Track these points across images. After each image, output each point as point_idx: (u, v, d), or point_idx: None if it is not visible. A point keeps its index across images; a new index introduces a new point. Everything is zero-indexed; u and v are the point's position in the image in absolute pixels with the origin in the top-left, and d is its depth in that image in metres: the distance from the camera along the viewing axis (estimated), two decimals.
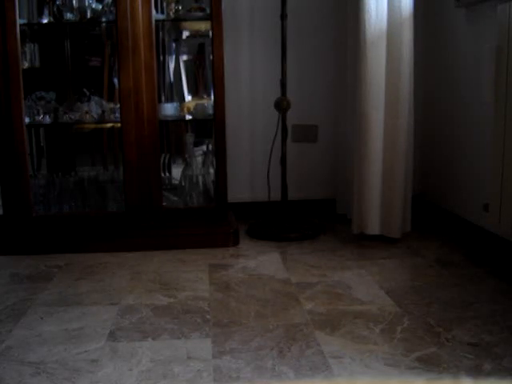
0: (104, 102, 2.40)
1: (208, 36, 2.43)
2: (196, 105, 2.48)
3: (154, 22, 2.18)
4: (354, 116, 2.35)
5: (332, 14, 2.65)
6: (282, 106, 2.43)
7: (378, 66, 2.19)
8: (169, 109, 2.40)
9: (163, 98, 2.66)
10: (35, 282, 1.95)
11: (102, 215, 2.32)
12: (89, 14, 2.35)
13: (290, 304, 1.70)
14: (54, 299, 1.79)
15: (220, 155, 2.28)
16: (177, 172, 2.62)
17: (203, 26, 2.60)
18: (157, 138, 2.24)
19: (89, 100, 2.42)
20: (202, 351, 1.41)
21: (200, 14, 2.40)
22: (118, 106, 2.27)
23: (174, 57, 2.72)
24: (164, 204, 2.34)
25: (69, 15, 2.35)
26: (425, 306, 1.66)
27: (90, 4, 2.34)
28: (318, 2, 2.67)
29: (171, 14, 2.36)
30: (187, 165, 2.49)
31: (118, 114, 2.29)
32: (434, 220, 2.54)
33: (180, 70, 2.73)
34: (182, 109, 2.44)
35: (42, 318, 1.64)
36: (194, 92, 2.76)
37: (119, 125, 2.25)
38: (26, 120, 2.28)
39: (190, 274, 1.99)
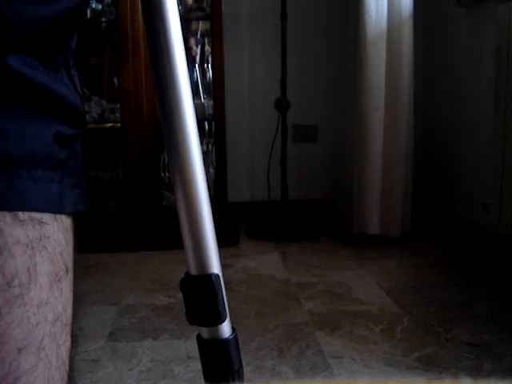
0: (104, 102, 2.40)
1: (208, 36, 2.43)
2: (196, 105, 2.48)
3: None
4: (353, 116, 2.35)
5: (332, 13, 2.65)
6: (282, 105, 2.43)
7: (378, 65, 2.19)
8: None
9: None
10: None
11: (101, 215, 2.32)
12: (89, 14, 2.35)
13: (290, 304, 1.70)
14: None
15: (220, 155, 2.28)
16: None
17: (203, 25, 2.60)
18: (157, 138, 2.24)
19: (89, 100, 2.42)
20: None
21: (200, 13, 2.40)
22: (118, 106, 2.27)
23: None
24: (164, 204, 2.34)
25: None
26: (425, 306, 1.66)
27: (90, 4, 2.34)
28: (318, 2, 2.67)
29: None
30: None
31: (118, 114, 2.29)
32: (434, 220, 2.54)
33: None
34: None
35: None
36: (193, 92, 2.76)
37: (119, 125, 2.25)
38: None
39: None
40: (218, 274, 0.56)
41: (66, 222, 0.45)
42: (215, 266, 0.55)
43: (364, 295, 1.76)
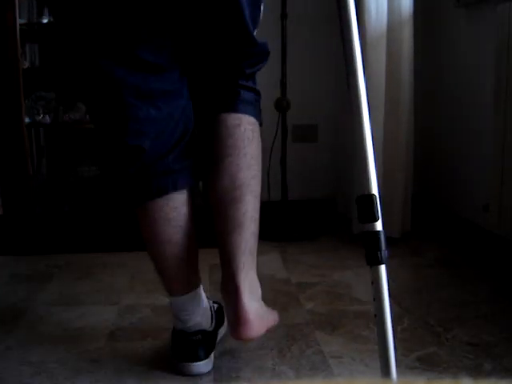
0: None
1: None
2: None
3: None
4: (354, 116, 2.35)
5: (332, 14, 2.65)
6: (282, 105, 2.43)
7: (378, 65, 2.19)
8: None
9: None
10: (35, 282, 1.95)
11: (102, 215, 2.32)
12: None
13: (290, 304, 1.70)
14: (54, 299, 1.79)
15: None
16: None
17: None
18: None
19: None
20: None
21: None
22: None
23: None
24: None
25: None
26: (425, 306, 1.66)
27: None
28: (318, 2, 2.67)
29: None
30: None
31: None
32: (434, 220, 2.54)
33: None
34: None
35: (41, 318, 1.64)
36: None
37: None
38: (26, 120, 2.28)
39: None
40: (375, 194, 1.07)
41: None
42: (374, 189, 1.07)
43: (364, 295, 1.76)
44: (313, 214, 2.74)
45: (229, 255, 1.18)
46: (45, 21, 2.38)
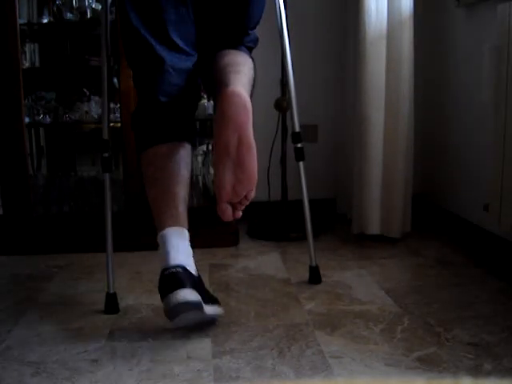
0: None
1: None
2: None
3: None
4: (354, 116, 2.35)
5: (332, 14, 2.65)
6: (282, 106, 2.43)
7: (378, 66, 2.19)
8: None
9: None
10: (35, 282, 1.95)
11: (102, 215, 2.32)
12: (89, 14, 2.35)
13: (290, 304, 1.70)
14: (54, 299, 1.79)
15: None
16: None
17: None
18: None
19: (89, 100, 2.42)
20: (201, 351, 1.41)
21: None
22: (118, 105, 2.27)
23: None
24: None
25: (69, 15, 2.35)
26: (425, 306, 1.66)
27: (89, 4, 2.34)
28: (318, 3, 2.67)
29: None
30: None
31: (118, 114, 2.29)
32: (434, 220, 2.54)
33: None
34: None
35: (41, 318, 1.64)
36: None
37: (119, 125, 2.25)
38: (26, 120, 2.28)
39: None
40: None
41: None
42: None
43: (364, 295, 1.76)
44: (313, 214, 2.73)
45: (223, 79, 1.46)
46: (45, 21, 2.38)
